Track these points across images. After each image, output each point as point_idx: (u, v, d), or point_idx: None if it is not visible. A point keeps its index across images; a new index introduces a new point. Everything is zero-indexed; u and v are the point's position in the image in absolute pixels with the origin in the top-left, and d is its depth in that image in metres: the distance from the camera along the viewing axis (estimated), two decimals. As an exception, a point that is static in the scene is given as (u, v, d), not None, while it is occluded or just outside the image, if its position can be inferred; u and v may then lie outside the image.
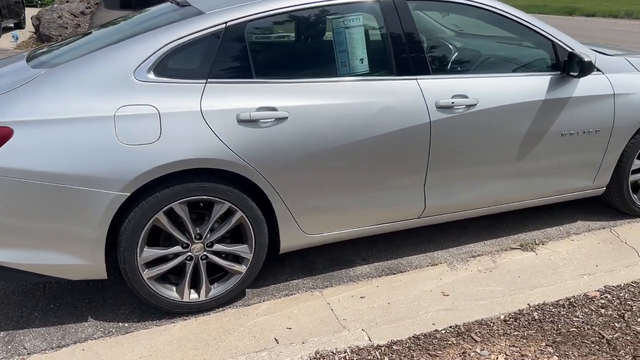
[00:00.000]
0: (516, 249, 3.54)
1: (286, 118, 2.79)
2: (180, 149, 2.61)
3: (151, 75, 2.67)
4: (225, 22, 2.79)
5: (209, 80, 2.73)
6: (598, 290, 2.94)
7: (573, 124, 3.40)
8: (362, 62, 3.02)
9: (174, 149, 2.60)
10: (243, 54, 2.81)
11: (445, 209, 3.32)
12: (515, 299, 2.91)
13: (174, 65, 2.72)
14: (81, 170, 2.52)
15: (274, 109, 2.77)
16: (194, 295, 2.90)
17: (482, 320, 2.71)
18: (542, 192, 3.56)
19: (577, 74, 3.26)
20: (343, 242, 3.44)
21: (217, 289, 2.93)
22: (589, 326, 2.64)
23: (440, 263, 3.39)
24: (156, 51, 2.69)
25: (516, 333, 2.61)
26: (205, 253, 2.85)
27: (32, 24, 13.27)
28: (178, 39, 2.73)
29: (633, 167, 3.73)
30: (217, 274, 2.97)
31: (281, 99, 2.80)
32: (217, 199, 2.76)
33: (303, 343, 2.59)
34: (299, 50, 3.08)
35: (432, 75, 3.10)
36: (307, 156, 2.85)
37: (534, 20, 3.34)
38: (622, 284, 2.99)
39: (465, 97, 3.12)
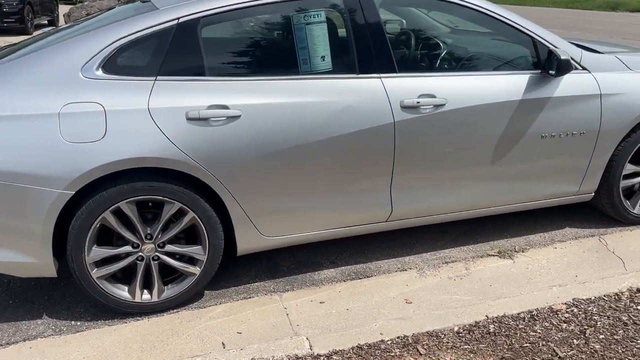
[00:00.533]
0: (493, 255, 3.38)
1: (239, 117, 2.72)
2: (124, 148, 2.57)
3: (99, 72, 2.63)
4: (178, 18, 2.73)
5: (158, 77, 2.68)
6: (565, 303, 2.77)
7: (554, 126, 3.22)
8: (323, 60, 2.92)
9: (118, 148, 2.56)
10: (195, 51, 2.75)
11: (414, 213, 3.19)
12: (476, 310, 2.77)
13: (123, 62, 2.68)
14: (26, 167, 2.50)
15: (225, 107, 2.71)
16: (146, 296, 2.86)
17: (433, 331, 2.59)
18: (523, 197, 3.39)
19: (554, 72, 3.08)
20: (312, 244, 3.35)
21: (170, 290, 2.89)
22: (544, 342, 2.48)
23: (410, 269, 3.27)
24: (105, 48, 2.65)
25: (465, 347, 2.47)
26: (157, 254, 2.81)
27: (64, 21, 13.59)
28: (128, 36, 2.69)
29: (624, 172, 3.51)
30: (173, 274, 2.93)
31: (234, 97, 2.73)
32: (166, 199, 2.71)
33: (241, 349, 2.52)
34: (256, 48, 2.99)
35: (398, 74, 2.97)
36: (263, 156, 2.77)
37: (512, 16, 3.17)
38: (593, 297, 2.81)
39: (433, 96, 2.98)
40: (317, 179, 2.91)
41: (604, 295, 2.82)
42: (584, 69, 3.28)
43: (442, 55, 3.33)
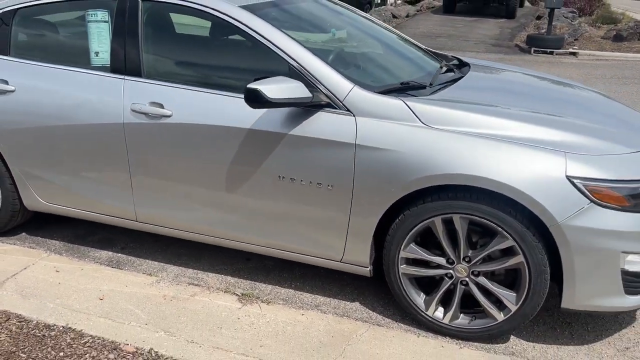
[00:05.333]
0: (235, 294, 3.08)
1: (13, 91, 3.24)
2: None
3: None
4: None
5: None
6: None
7: (294, 170, 2.73)
8: (97, 56, 3.19)
9: None
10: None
11: (155, 220, 3.19)
12: (128, 330, 2.72)
13: None
14: None
15: (5, 82, 3.26)
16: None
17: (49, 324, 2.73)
18: (276, 243, 2.96)
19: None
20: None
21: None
22: None
23: (157, 275, 3.27)
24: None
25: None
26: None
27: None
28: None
29: (405, 254, 2.68)
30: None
31: (15, 76, 3.26)
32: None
33: None
34: (57, 40, 3.42)
35: (140, 79, 3.03)
36: (24, 129, 3.24)
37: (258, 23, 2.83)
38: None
39: (161, 106, 2.94)
40: (70, 160, 3.22)
41: None
42: (348, 110, 2.66)
43: (192, 64, 3.13)
